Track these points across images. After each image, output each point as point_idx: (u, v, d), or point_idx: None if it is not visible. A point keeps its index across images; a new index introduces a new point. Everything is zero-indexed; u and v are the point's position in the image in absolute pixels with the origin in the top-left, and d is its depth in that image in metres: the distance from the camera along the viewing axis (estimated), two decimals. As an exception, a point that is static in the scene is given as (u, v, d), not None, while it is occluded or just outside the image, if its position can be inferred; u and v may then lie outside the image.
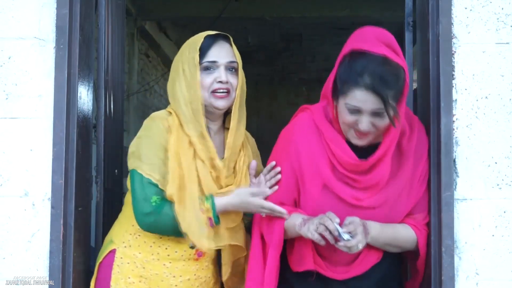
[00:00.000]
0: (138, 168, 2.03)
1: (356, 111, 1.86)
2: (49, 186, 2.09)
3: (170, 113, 2.11)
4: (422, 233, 2.02)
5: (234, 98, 2.10)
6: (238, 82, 2.10)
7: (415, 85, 2.41)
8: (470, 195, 2.01)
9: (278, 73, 9.19)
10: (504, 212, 2.01)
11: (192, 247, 2.10)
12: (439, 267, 1.99)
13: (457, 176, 2.02)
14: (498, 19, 2.06)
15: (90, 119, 2.30)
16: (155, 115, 2.13)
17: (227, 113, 2.16)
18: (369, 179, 1.95)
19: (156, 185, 2.01)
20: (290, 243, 2.07)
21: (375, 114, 1.85)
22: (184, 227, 1.98)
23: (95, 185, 2.46)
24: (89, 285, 2.22)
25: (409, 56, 2.43)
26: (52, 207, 2.08)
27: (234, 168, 2.14)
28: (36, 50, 2.14)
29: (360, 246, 1.87)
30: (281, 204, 2.03)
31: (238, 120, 2.11)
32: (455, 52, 2.05)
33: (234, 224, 2.13)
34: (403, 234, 2.02)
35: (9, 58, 2.13)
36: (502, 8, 2.06)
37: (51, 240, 2.07)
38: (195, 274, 2.14)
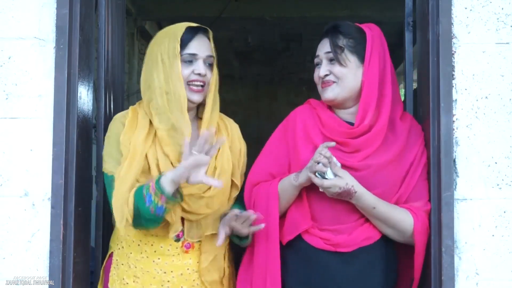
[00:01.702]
0: (105, 169, 2.09)
1: (318, 62, 2.15)
2: (49, 186, 2.09)
3: (133, 110, 2.13)
4: (419, 218, 2.02)
5: (207, 92, 2.11)
6: (213, 76, 2.12)
7: (415, 85, 2.41)
8: (470, 195, 2.02)
9: (278, 73, 9.19)
10: (504, 212, 2.01)
11: (177, 240, 2.09)
12: (439, 267, 1.99)
13: (457, 176, 2.02)
14: (498, 19, 2.06)
15: (90, 119, 2.30)
16: (115, 116, 2.18)
17: (200, 104, 2.16)
18: (359, 141, 2.06)
19: None
20: (281, 219, 2.14)
21: (331, 60, 2.10)
22: (113, 203, 1.98)
23: (95, 185, 2.46)
24: (89, 285, 2.23)
25: (409, 56, 2.43)
26: (52, 207, 2.08)
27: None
28: (36, 50, 2.14)
29: (331, 186, 1.96)
30: (271, 175, 2.15)
31: (211, 111, 2.12)
32: (455, 52, 2.05)
33: (209, 211, 2.08)
34: (399, 214, 2.03)
35: (9, 58, 2.13)
36: (502, 8, 2.06)
37: (51, 240, 2.07)
38: (188, 269, 2.10)
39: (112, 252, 2.18)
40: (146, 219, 1.96)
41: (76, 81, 2.16)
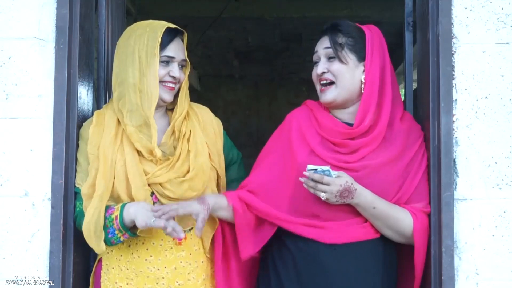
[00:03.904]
0: (75, 177, 2.13)
1: (316, 60, 2.15)
2: (49, 186, 2.09)
3: (98, 114, 2.15)
4: (419, 218, 2.03)
5: (177, 90, 2.17)
6: (185, 77, 2.18)
7: (415, 85, 2.41)
8: (470, 195, 2.02)
9: (278, 73, 9.19)
10: (504, 212, 2.01)
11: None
12: (439, 267, 1.99)
13: (457, 176, 2.02)
14: (498, 19, 2.06)
15: (90, 119, 2.30)
16: (85, 123, 2.19)
17: None
18: (358, 142, 2.06)
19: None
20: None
21: (329, 58, 2.11)
22: (84, 225, 2.01)
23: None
24: (89, 285, 2.22)
25: (409, 56, 2.43)
26: (52, 207, 2.08)
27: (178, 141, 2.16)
28: (36, 50, 2.14)
29: (323, 195, 1.97)
30: (260, 185, 2.17)
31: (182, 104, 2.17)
32: (455, 52, 2.05)
33: (194, 193, 2.11)
34: (398, 213, 2.03)
35: (9, 58, 2.13)
36: (502, 8, 2.06)
37: (51, 240, 2.07)
38: (181, 262, 2.10)
39: (101, 258, 2.18)
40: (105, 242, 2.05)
41: (76, 81, 2.17)
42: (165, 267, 2.08)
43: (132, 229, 2.03)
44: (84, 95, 2.25)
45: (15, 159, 2.10)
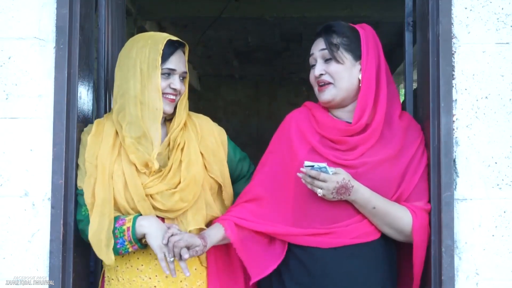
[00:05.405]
0: (78, 180, 2.12)
1: (313, 63, 2.15)
2: (49, 186, 2.09)
3: (98, 123, 2.15)
4: (418, 216, 2.03)
5: (177, 102, 2.16)
6: (185, 89, 2.17)
7: (415, 85, 2.41)
8: (470, 195, 2.02)
9: (278, 73, 9.19)
10: (504, 212, 2.01)
11: None
12: (439, 267, 1.99)
13: (457, 176, 2.02)
14: (498, 19, 2.06)
15: (90, 119, 2.30)
16: (86, 128, 2.19)
17: None
18: (356, 139, 2.07)
19: None
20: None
21: (326, 60, 2.11)
22: (90, 236, 2.02)
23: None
24: (89, 285, 2.23)
25: (409, 56, 2.43)
26: (52, 207, 2.08)
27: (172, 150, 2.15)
28: (36, 50, 2.14)
29: (320, 192, 1.98)
30: (259, 192, 2.16)
31: (182, 118, 2.16)
32: (455, 52, 2.05)
33: (185, 205, 2.10)
34: (397, 210, 2.03)
35: (9, 58, 2.13)
36: (502, 8, 2.06)
37: (51, 240, 2.07)
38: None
39: (104, 271, 2.20)
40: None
41: (76, 81, 2.17)
42: (156, 276, 2.08)
43: (140, 240, 2.04)
44: (84, 95, 2.25)
45: (15, 159, 2.10)
